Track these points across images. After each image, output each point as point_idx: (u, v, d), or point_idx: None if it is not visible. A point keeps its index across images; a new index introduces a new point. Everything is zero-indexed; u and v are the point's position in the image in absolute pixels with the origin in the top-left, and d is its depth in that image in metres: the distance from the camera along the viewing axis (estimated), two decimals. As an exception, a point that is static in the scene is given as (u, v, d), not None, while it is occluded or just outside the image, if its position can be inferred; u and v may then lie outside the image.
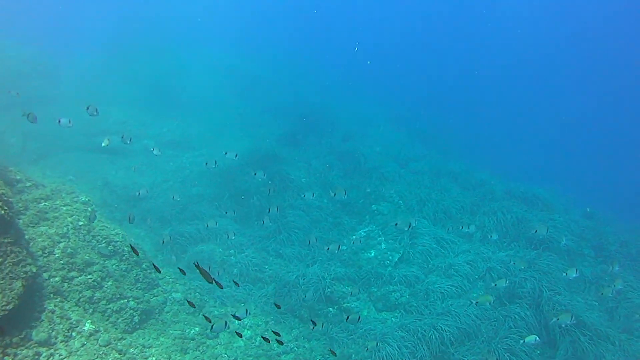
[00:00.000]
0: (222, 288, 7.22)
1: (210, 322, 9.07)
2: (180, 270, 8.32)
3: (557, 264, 16.20)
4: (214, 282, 6.77)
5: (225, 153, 14.73)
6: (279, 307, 10.58)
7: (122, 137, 11.58)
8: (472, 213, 19.21)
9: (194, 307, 11.68)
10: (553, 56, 66.70)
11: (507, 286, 14.85)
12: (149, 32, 41.95)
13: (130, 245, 8.17)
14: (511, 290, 14.99)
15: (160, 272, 10.99)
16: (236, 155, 14.74)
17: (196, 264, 6.96)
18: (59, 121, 11.83)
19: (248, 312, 11.86)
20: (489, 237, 17.39)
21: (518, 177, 25.16)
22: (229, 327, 11.95)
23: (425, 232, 17.58)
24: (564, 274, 13.63)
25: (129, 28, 41.50)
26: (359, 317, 11.80)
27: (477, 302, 13.12)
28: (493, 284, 14.12)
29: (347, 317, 11.73)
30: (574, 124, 47.14)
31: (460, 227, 15.80)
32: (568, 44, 68.44)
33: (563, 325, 13.33)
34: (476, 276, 16.02)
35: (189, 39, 44.30)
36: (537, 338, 11.87)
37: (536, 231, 13.84)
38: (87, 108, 11.98)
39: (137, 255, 8.59)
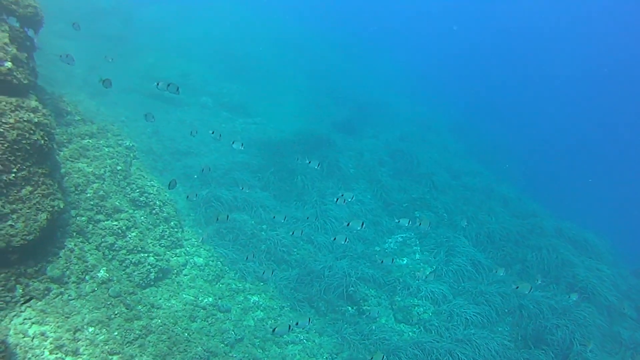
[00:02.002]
0: None
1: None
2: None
3: (595, 318, 15.14)
4: None
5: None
6: None
7: (168, 85, 11.02)
8: (516, 243, 18.23)
9: None
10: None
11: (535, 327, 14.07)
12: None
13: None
14: (539, 334, 14.09)
15: None
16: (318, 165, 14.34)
17: None
18: (157, 84, 11.40)
19: (310, 321, 11.66)
20: (529, 272, 16.52)
21: (571, 216, 23.80)
22: (292, 331, 11.93)
23: (464, 251, 16.79)
24: None
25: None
26: None
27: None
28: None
29: None
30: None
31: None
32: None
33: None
34: (506, 310, 15.21)
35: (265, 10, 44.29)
36: None
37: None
38: (168, 86, 11.50)
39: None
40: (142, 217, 12.18)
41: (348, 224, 12.16)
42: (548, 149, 41.45)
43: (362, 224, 12.40)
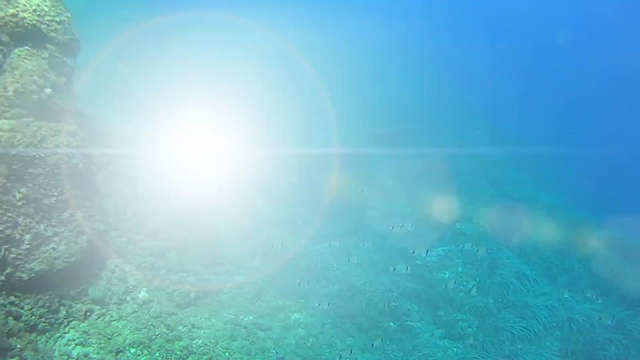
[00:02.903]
0: None
1: None
2: None
3: (652, 332, 14.35)
4: None
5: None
6: None
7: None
8: (561, 254, 17.56)
9: None
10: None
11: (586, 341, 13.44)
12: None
13: None
14: (591, 350, 13.46)
15: None
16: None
17: None
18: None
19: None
20: (576, 284, 15.94)
21: (623, 226, 22.77)
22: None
23: (508, 263, 16.28)
24: None
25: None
26: None
27: None
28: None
29: None
30: None
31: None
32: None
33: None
34: (554, 324, 14.60)
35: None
36: None
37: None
38: None
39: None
40: (182, 236, 12.24)
41: (413, 252, 11.90)
42: (595, 155, 39.99)
43: (427, 251, 12.10)
